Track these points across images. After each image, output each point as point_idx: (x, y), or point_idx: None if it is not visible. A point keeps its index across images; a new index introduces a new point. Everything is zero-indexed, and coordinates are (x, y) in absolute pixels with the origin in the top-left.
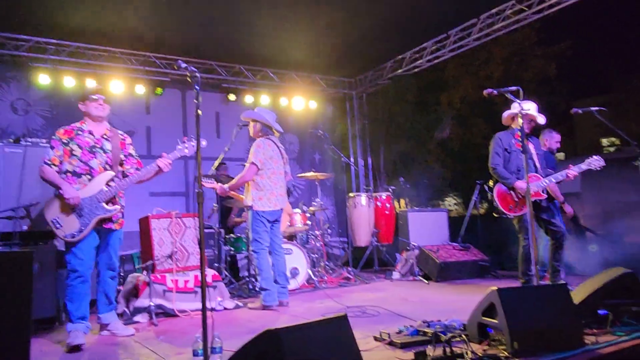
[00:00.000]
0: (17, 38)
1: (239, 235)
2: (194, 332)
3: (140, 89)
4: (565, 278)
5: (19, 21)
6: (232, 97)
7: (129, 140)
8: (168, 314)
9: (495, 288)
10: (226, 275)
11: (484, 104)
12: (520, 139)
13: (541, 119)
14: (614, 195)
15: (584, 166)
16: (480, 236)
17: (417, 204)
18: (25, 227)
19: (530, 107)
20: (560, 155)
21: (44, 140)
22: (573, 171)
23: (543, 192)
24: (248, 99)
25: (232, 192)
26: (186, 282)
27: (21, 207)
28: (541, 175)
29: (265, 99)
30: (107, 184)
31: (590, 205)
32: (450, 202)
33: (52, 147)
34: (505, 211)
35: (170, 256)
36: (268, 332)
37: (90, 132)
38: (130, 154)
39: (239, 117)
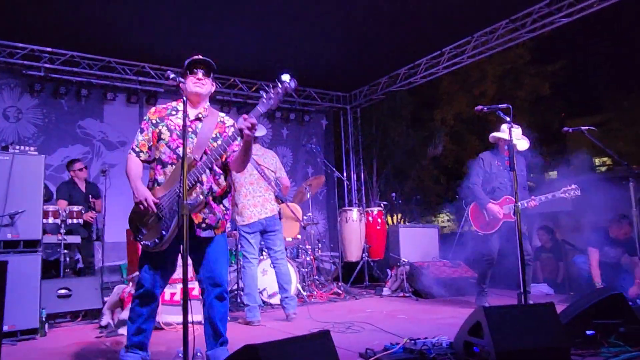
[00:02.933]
0: (12, 45)
1: (228, 248)
2: (178, 346)
3: (135, 99)
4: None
5: (14, 28)
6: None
7: (229, 122)
8: (154, 326)
9: (481, 305)
10: None
11: (477, 121)
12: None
13: (522, 145)
14: (604, 214)
15: (558, 194)
16: (471, 253)
17: (410, 219)
18: (9, 236)
19: (512, 132)
20: (553, 174)
21: (32, 149)
22: (533, 202)
23: (514, 214)
24: (242, 111)
25: None
26: (172, 294)
27: (6, 215)
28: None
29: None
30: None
31: (581, 223)
32: (444, 218)
33: (141, 131)
34: (476, 228)
35: None
36: (246, 348)
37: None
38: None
39: None
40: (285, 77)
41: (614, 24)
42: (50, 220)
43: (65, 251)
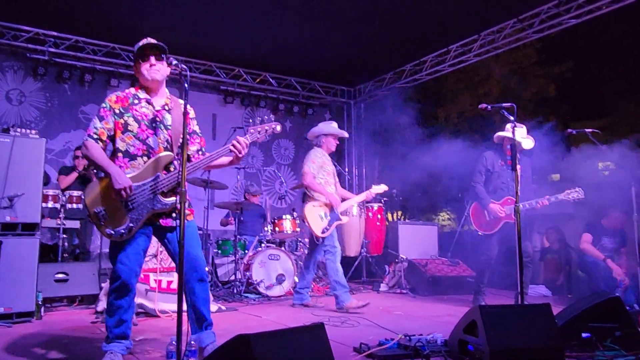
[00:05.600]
0: (17, 28)
1: (226, 238)
2: (172, 334)
3: (138, 87)
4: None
5: (19, 11)
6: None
7: (192, 113)
8: (149, 314)
9: (477, 304)
10: (211, 278)
11: (481, 120)
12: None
13: (527, 144)
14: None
15: (561, 196)
16: (469, 252)
17: (411, 216)
18: (8, 218)
19: (515, 131)
20: (556, 177)
21: (34, 132)
22: (545, 201)
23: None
24: (246, 102)
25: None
26: (169, 282)
27: (5, 197)
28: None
29: (262, 103)
30: (166, 169)
31: (582, 226)
32: (444, 216)
33: (100, 118)
34: (476, 228)
35: (154, 255)
36: (239, 337)
37: (148, 102)
38: (194, 131)
39: (236, 120)
40: (271, 118)
41: (622, 27)
42: (50, 204)
43: (64, 236)
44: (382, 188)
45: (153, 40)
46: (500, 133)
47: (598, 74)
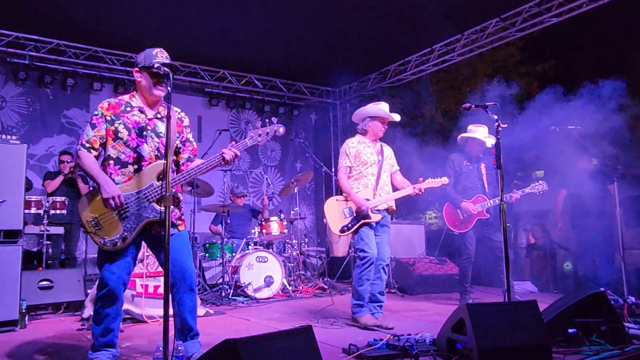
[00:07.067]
0: None
1: (214, 241)
2: (159, 340)
3: (122, 90)
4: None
5: None
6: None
7: (187, 121)
8: (136, 319)
9: (465, 303)
10: (199, 282)
11: (466, 119)
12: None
13: (490, 142)
14: (589, 214)
15: (527, 190)
16: (456, 250)
17: (398, 215)
18: None
19: (479, 131)
20: (540, 173)
21: (14, 137)
22: (516, 194)
23: (487, 212)
24: (231, 104)
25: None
26: (156, 287)
27: None
28: (488, 197)
29: (248, 105)
30: (160, 178)
31: (565, 222)
32: (431, 215)
33: (92, 126)
34: (451, 227)
35: (141, 260)
36: (227, 342)
37: (141, 110)
38: (188, 140)
39: (221, 122)
40: (274, 121)
41: (603, 25)
42: (33, 210)
43: (48, 242)
44: (441, 181)
45: (168, 60)
46: (462, 135)
47: (579, 73)
